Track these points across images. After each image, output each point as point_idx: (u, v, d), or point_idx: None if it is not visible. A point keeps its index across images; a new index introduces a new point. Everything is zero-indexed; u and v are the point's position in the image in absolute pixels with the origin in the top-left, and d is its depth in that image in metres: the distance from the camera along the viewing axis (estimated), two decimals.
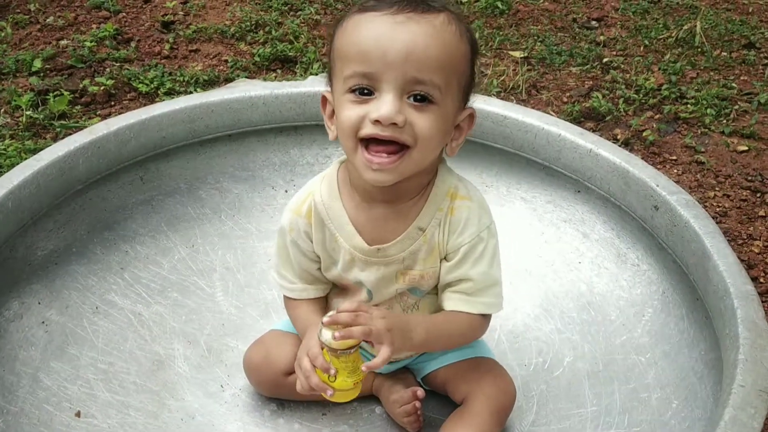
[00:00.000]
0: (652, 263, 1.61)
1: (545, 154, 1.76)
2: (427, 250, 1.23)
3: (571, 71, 2.66)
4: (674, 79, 2.60)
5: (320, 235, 1.26)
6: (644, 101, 2.49)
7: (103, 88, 2.40)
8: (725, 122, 2.40)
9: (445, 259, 1.24)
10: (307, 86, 1.86)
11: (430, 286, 1.28)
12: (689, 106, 2.46)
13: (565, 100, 2.50)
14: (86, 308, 1.57)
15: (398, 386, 1.37)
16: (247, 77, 2.51)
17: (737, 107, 2.47)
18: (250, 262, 1.74)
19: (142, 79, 2.46)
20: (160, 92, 2.42)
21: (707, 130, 2.37)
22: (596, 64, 2.71)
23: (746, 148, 2.30)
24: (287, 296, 1.35)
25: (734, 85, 2.60)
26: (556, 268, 1.71)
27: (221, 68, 2.60)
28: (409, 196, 1.21)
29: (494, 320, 1.53)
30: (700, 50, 2.81)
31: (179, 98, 1.88)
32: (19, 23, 2.78)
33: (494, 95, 2.42)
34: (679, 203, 1.53)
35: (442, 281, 1.26)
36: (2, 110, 2.29)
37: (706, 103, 2.46)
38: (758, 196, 2.12)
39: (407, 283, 1.26)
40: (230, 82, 2.43)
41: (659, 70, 2.66)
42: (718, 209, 2.05)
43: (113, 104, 2.39)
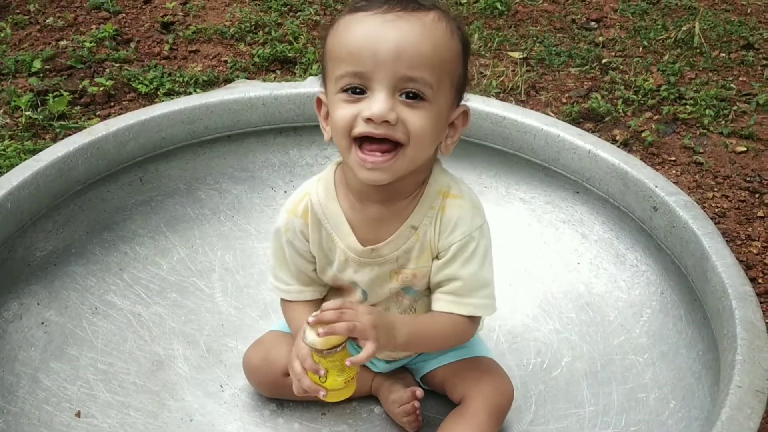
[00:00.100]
0: (650, 264, 1.62)
1: (544, 154, 1.76)
2: (419, 248, 1.23)
3: (570, 72, 2.66)
4: (673, 79, 2.60)
5: (317, 235, 1.27)
6: (643, 102, 2.49)
7: (102, 88, 2.40)
8: (724, 123, 2.40)
9: (436, 257, 1.24)
10: (306, 87, 1.86)
11: (423, 285, 1.28)
12: (688, 106, 2.46)
13: (564, 100, 2.50)
14: (85, 309, 1.57)
15: (397, 386, 1.37)
16: (246, 78, 2.51)
17: (736, 108, 2.47)
18: (249, 262, 1.74)
19: (141, 79, 2.46)
20: (159, 93, 2.43)
21: (706, 130, 2.37)
22: (595, 65, 2.71)
23: (745, 148, 2.30)
24: (283, 299, 1.35)
25: (733, 85, 2.60)
26: (554, 268, 1.71)
27: (221, 69, 2.60)
28: (403, 195, 1.21)
29: (493, 320, 1.55)
30: (698, 51, 2.81)
31: (179, 99, 1.88)
32: (18, 24, 2.79)
33: (493, 96, 2.42)
34: (677, 204, 1.53)
35: (432, 281, 1.26)
36: (2, 111, 2.29)
37: (704, 103, 2.46)
38: (757, 196, 2.13)
39: (401, 282, 1.26)
40: (230, 82, 2.43)
41: (658, 70, 2.66)
42: (716, 210, 2.06)
43: (113, 105, 2.39)
